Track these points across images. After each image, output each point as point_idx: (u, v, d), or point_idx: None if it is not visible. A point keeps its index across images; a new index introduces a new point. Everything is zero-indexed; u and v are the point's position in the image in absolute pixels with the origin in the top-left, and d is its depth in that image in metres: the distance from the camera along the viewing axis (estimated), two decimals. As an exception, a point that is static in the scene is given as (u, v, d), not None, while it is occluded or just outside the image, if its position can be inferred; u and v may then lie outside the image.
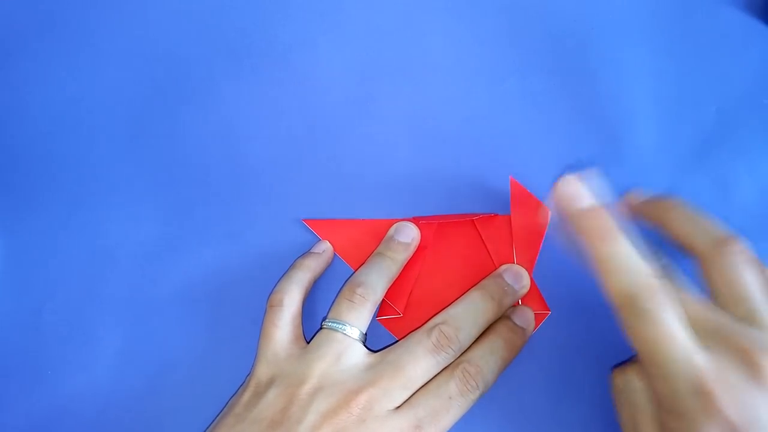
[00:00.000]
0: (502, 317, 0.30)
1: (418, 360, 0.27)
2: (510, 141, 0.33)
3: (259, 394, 0.27)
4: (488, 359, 0.28)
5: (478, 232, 0.32)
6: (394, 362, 0.27)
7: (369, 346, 0.29)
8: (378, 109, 0.34)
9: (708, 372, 0.23)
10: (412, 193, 0.33)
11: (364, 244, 0.32)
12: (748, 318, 0.24)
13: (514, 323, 0.29)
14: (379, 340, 0.31)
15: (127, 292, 0.32)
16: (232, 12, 0.34)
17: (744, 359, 0.23)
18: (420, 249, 0.32)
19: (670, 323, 0.24)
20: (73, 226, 0.33)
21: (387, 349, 0.28)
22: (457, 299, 0.30)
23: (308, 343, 0.29)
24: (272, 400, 0.26)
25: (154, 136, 0.33)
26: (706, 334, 0.24)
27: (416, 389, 0.27)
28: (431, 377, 0.27)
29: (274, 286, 0.30)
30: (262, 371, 0.28)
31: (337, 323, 0.28)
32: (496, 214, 0.32)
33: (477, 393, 0.27)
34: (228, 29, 0.34)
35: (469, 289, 0.30)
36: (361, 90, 0.34)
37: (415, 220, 0.32)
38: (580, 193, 0.26)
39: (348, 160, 0.33)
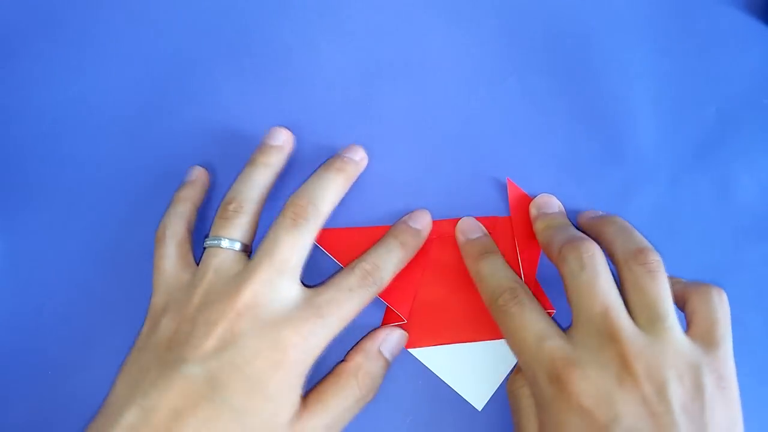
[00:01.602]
0: (398, 221, 0.31)
1: (287, 241, 0.27)
2: (510, 141, 0.33)
3: (156, 324, 0.27)
4: (385, 258, 0.29)
5: (479, 233, 0.32)
6: (268, 250, 0.27)
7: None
8: (377, 110, 0.34)
9: (561, 360, 0.25)
10: (411, 193, 0.33)
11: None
12: (648, 326, 0.25)
13: (409, 225, 0.31)
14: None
15: (127, 292, 0.32)
16: (233, 12, 0.34)
17: (618, 361, 0.24)
18: (422, 255, 0.31)
19: (522, 315, 0.27)
20: (73, 226, 0.33)
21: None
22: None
23: None
24: (166, 324, 0.27)
25: (155, 136, 0.33)
26: (596, 333, 0.25)
27: (297, 274, 0.27)
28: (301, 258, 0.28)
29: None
30: (156, 301, 0.28)
31: (213, 239, 0.28)
32: (497, 216, 0.32)
33: (374, 288, 0.28)
34: (228, 29, 0.34)
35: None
36: (361, 90, 0.34)
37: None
38: (471, 227, 0.31)
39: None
